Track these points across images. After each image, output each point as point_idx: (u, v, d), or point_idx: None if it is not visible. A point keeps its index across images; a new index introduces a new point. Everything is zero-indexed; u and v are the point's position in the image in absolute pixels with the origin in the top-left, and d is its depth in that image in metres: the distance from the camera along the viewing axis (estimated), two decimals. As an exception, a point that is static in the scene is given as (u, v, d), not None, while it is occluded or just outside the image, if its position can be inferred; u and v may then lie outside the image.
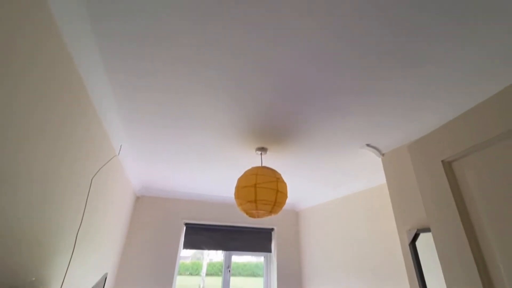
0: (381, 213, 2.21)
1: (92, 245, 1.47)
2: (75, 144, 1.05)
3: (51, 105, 0.84)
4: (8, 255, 0.75)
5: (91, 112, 1.17)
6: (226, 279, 3.06)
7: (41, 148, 0.82)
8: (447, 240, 0.64)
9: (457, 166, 0.60)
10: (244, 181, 1.56)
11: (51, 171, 0.91)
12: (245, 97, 1.20)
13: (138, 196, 2.93)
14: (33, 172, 0.80)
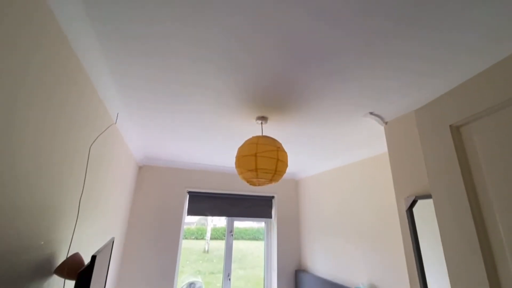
0: (380, 182, 2.24)
1: (97, 211, 1.51)
2: (68, 112, 1.02)
3: (40, 71, 0.79)
4: (15, 221, 0.77)
5: (83, 79, 1.11)
6: (229, 243, 3.24)
7: (33, 116, 0.79)
8: (448, 206, 0.64)
9: (466, 131, 0.58)
10: (245, 150, 1.55)
11: (48, 139, 0.89)
12: (244, 59, 1.13)
13: (140, 166, 2.97)
14: (28, 139, 0.78)
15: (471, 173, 0.56)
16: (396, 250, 1.99)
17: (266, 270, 3.36)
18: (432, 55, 1.02)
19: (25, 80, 0.74)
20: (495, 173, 0.51)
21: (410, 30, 0.91)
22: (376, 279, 2.13)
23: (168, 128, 1.98)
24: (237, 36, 0.99)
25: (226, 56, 1.10)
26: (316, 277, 2.82)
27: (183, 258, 5.38)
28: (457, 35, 0.92)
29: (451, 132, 0.59)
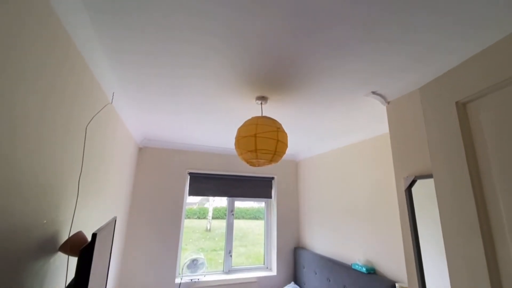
0: (379, 163, 2.25)
1: (97, 191, 1.53)
2: (60, 91, 0.99)
3: (27, 49, 0.76)
4: (18, 200, 0.77)
5: (74, 56, 1.07)
6: (230, 222, 3.32)
7: (20, 92, 0.77)
8: (449, 184, 0.63)
9: (472, 108, 0.56)
10: (244, 131, 1.53)
11: (40, 118, 0.87)
12: (243, 31, 1.08)
13: (140, 148, 2.97)
14: (16, 119, 0.76)
15: (475, 152, 0.54)
16: (393, 228, 2.03)
17: (266, 248, 3.47)
18: (440, 27, 0.97)
19: (15, 48, 0.71)
20: (500, 152, 0.49)
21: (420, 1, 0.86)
22: (373, 256, 2.20)
23: (167, 109, 1.95)
24: (237, 7, 0.93)
25: (226, 28, 1.05)
26: (314, 253, 2.92)
27: (186, 236, 5.56)
28: (466, 6, 0.86)
29: (457, 109, 0.57)
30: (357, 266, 2.23)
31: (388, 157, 2.16)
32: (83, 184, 1.25)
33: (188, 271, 2.90)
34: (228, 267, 3.16)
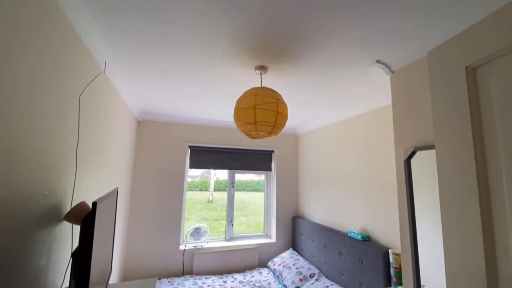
0: (378, 135, 2.24)
1: (97, 162, 1.54)
2: (50, 60, 0.94)
3: (16, 15, 0.70)
4: (16, 170, 0.77)
5: (63, 23, 1.00)
6: (230, 193, 3.42)
7: (12, 63, 0.73)
8: (451, 154, 0.62)
9: (482, 72, 0.52)
10: (243, 103, 1.50)
11: (31, 87, 0.84)
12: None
13: (139, 121, 2.94)
14: (7, 88, 0.73)
15: (481, 120, 0.52)
16: (388, 199, 2.09)
17: (265, 217, 3.61)
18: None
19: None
20: (508, 120, 0.47)
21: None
22: (368, 225, 2.29)
23: (162, 81, 1.88)
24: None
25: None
26: (312, 222, 3.04)
27: (189, 207, 5.77)
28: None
29: (466, 74, 0.54)
30: (353, 234, 2.33)
31: (386, 130, 2.15)
32: (81, 155, 1.25)
33: (191, 239, 3.05)
34: (230, 235, 3.31)
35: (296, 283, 2.53)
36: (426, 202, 1.29)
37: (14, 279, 0.80)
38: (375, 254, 1.99)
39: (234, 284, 2.62)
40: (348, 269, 2.28)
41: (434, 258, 1.26)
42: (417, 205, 1.30)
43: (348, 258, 2.30)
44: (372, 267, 2.01)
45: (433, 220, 1.29)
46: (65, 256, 1.13)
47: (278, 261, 3.01)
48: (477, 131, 0.55)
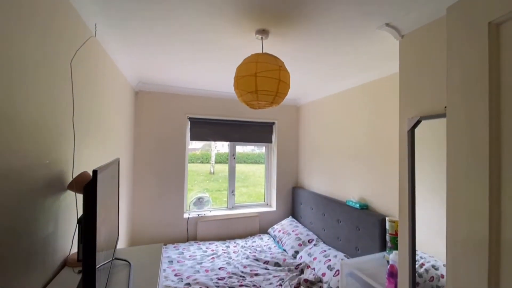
0: (380, 105, 2.20)
1: (95, 132, 1.51)
2: (38, 24, 0.87)
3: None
4: (14, 140, 0.76)
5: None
6: (232, 165, 3.45)
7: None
8: (463, 121, 0.59)
9: (507, 29, 0.47)
10: (244, 70, 1.43)
11: (17, 52, 0.79)
12: None
13: (136, 91, 2.86)
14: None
15: (500, 83, 0.49)
16: (387, 168, 2.10)
17: (266, 188, 3.70)
18: None
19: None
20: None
21: None
22: (366, 194, 2.35)
23: (158, 47, 1.78)
24: None
25: None
26: (311, 192, 3.11)
27: (191, 179, 5.87)
28: None
29: (489, 31, 0.49)
30: (351, 202, 2.39)
31: (388, 101, 2.11)
32: (78, 124, 1.22)
33: (195, 208, 3.16)
34: (232, 204, 3.42)
35: (295, 248, 2.67)
36: (426, 171, 1.29)
37: (24, 244, 0.83)
38: (372, 221, 2.07)
39: (237, 248, 2.77)
40: (345, 235, 2.38)
41: (430, 226, 1.30)
42: (417, 174, 1.31)
43: (345, 225, 2.39)
44: (368, 234, 2.10)
45: (432, 189, 1.31)
46: (72, 223, 1.16)
47: (278, 227, 3.15)
48: (494, 96, 0.52)
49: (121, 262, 1.17)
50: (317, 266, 2.26)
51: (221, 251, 2.67)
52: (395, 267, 1.44)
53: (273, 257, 2.51)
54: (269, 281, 2.12)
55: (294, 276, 2.17)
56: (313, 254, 2.43)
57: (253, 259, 2.49)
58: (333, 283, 1.98)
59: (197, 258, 2.48)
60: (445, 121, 0.96)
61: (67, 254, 1.13)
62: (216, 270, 2.25)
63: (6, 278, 0.76)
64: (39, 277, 0.93)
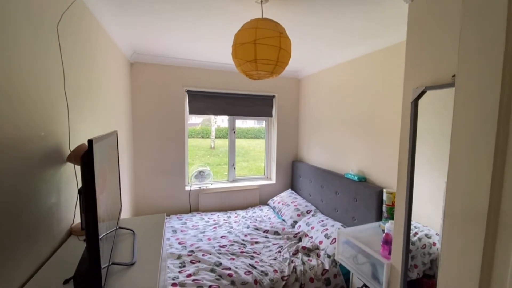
0: (381, 77, 2.15)
1: (90, 103, 1.46)
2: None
3: None
4: (11, 110, 0.73)
5: None
6: (232, 139, 3.45)
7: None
8: (473, 90, 0.56)
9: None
10: (242, 37, 1.35)
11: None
12: None
13: (132, 63, 2.76)
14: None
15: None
16: (386, 142, 2.10)
17: (266, 161, 3.73)
18: None
19: None
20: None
21: None
22: (365, 167, 2.37)
23: (153, 14, 1.67)
24: None
25: None
26: (310, 165, 3.15)
27: (192, 154, 5.90)
28: None
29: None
30: (350, 175, 2.42)
31: (391, 72, 2.05)
32: (71, 95, 1.18)
33: (196, 181, 3.21)
34: (232, 177, 3.48)
35: (294, 218, 2.77)
36: (424, 144, 1.29)
37: (27, 215, 0.85)
38: (370, 193, 2.11)
39: (238, 218, 2.87)
40: (343, 206, 2.45)
41: (425, 198, 1.33)
42: (418, 146, 1.30)
43: (343, 196, 2.44)
44: (366, 205, 2.16)
45: (429, 162, 1.32)
46: (74, 195, 1.18)
47: (278, 199, 3.24)
48: (509, 61, 0.48)
49: (125, 231, 1.21)
50: (314, 235, 2.36)
51: (223, 221, 2.77)
52: (390, 235, 1.50)
53: (272, 227, 2.60)
54: (269, 248, 2.23)
55: (292, 243, 2.27)
56: (311, 224, 2.52)
57: (253, 228, 2.59)
58: (330, 250, 2.08)
59: (200, 228, 2.58)
60: (448, 92, 0.92)
61: (71, 223, 1.16)
62: (218, 238, 2.35)
63: (16, 245, 0.78)
64: (47, 245, 0.97)
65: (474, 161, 0.60)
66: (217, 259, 1.98)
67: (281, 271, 1.88)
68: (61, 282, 0.81)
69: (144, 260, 0.96)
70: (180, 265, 1.90)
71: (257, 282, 1.75)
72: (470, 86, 0.59)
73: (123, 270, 0.89)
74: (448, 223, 0.67)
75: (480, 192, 0.58)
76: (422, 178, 1.31)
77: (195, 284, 1.67)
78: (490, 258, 0.57)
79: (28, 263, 0.85)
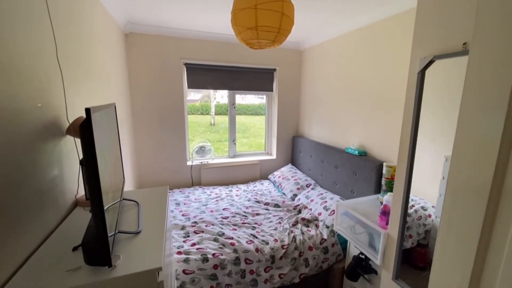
0: (386, 48, 2.08)
1: (83, 74, 1.40)
2: None
3: None
4: (5, 80, 0.71)
5: None
6: (232, 114, 3.41)
7: None
8: (487, 56, 0.53)
9: None
10: (242, 1, 1.27)
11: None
12: None
13: (126, 34, 2.63)
14: None
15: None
16: (389, 116, 2.07)
17: (266, 137, 3.73)
18: None
19: None
20: None
21: None
22: (365, 141, 2.36)
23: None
24: None
25: None
26: (311, 140, 3.15)
27: (192, 130, 5.86)
28: None
29: None
30: (350, 149, 2.43)
31: (396, 43, 1.96)
32: (64, 65, 1.14)
33: (197, 156, 3.24)
34: (233, 153, 3.50)
35: (293, 191, 2.83)
36: (426, 118, 1.27)
37: (30, 187, 0.85)
38: (370, 166, 2.13)
39: (239, 192, 2.93)
40: (342, 180, 2.49)
41: (424, 172, 1.34)
42: (422, 119, 1.28)
43: (343, 171, 2.47)
44: (365, 178, 2.19)
45: (430, 136, 1.31)
46: (76, 166, 1.19)
47: (278, 174, 3.28)
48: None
49: (129, 202, 1.24)
50: (313, 207, 2.42)
51: (225, 195, 2.83)
52: (388, 206, 1.54)
53: (273, 199, 2.67)
54: (269, 220, 2.30)
55: (292, 215, 2.35)
56: (311, 197, 2.58)
57: (254, 201, 2.66)
58: (328, 221, 2.15)
59: (202, 201, 2.65)
60: (452, 62, 0.90)
61: (75, 194, 1.18)
62: (220, 210, 2.42)
63: (22, 215, 0.80)
64: (53, 215, 0.99)
65: (482, 129, 0.59)
66: (219, 229, 2.05)
67: (281, 240, 1.96)
68: (70, 250, 0.84)
69: (150, 229, 0.99)
70: (184, 235, 1.98)
71: (258, 250, 1.83)
72: (485, 49, 0.56)
73: (130, 238, 0.92)
74: (450, 193, 0.68)
75: (486, 163, 0.57)
76: (421, 152, 1.31)
77: (199, 252, 1.75)
78: (489, 228, 0.58)
79: (35, 232, 0.87)
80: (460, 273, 0.64)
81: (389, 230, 1.47)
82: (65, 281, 0.69)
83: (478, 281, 0.60)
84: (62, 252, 0.83)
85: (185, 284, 1.58)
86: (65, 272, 0.73)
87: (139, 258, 0.81)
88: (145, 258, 0.80)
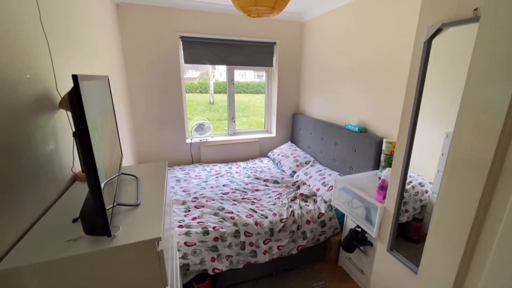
0: (391, 21, 1.97)
1: (72, 44, 1.34)
2: None
3: None
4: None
5: None
6: (231, 91, 3.34)
7: None
8: (497, 28, 0.50)
9: None
10: (239, -37, 1.17)
11: None
12: None
13: (118, 3, 2.49)
14: None
15: None
16: (390, 92, 2.02)
17: (266, 115, 3.68)
18: None
19: None
20: None
21: None
22: (366, 118, 2.33)
23: None
24: None
25: None
26: (311, 118, 3.11)
27: (191, 109, 5.78)
28: None
29: None
30: (350, 126, 2.40)
31: (404, 11, 1.85)
32: (50, 34, 1.08)
33: (196, 134, 3.22)
34: (233, 130, 3.48)
35: (293, 168, 2.85)
36: (427, 94, 1.23)
37: (26, 160, 0.84)
38: (369, 142, 2.11)
39: (239, 169, 2.96)
40: (341, 157, 2.49)
41: (423, 149, 1.33)
42: (425, 93, 1.25)
43: (343, 147, 2.47)
44: (364, 154, 2.18)
45: (431, 113, 1.29)
46: (71, 140, 1.17)
47: (278, 151, 3.29)
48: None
49: (128, 177, 1.24)
50: (312, 183, 2.45)
51: (224, 172, 2.86)
52: (386, 181, 1.55)
53: (272, 176, 2.70)
54: (268, 195, 2.34)
55: (291, 191, 2.38)
56: (309, 173, 2.60)
57: (254, 178, 2.68)
58: (326, 197, 2.19)
59: (202, 178, 2.68)
60: (463, 29, 0.85)
61: (71, 167, 1.17)
62: (221, 186, 2.45)
63: (20, 188, 0.80)
64: (52, 189, 0.99)
65: (487, 100, 0.56)
66: (220, 204, 2.09)
67: (280, 214, 2.00)
68: (70, 222, 0.85)
69: (149, 202, 0.99)
70: (185, 210, 2.02)
71: (257, 224, 1.88)
72: (497, 18, 0.52)
73: (129, 210, 0.93)
74: (449, 167, 0.67)
75: (489, 137, 0.55)
76: (421, 128, 1.29)
77: (200, 226, 1.80)
78: (487, 200, 0.57)
79: (34, 205, 0.87)
80: (454, 243, 0.65)
81: (386, 204, 1.49)
82: (67, 250, 0.71)
83: (473, 251, 0.61)
84: (63, 223, 0.84)
85: (187, 255, 1.64)
86: (66, 242, 0.74)
87: (139, 229, 0.82)
88: (145, 229, 0.81)
